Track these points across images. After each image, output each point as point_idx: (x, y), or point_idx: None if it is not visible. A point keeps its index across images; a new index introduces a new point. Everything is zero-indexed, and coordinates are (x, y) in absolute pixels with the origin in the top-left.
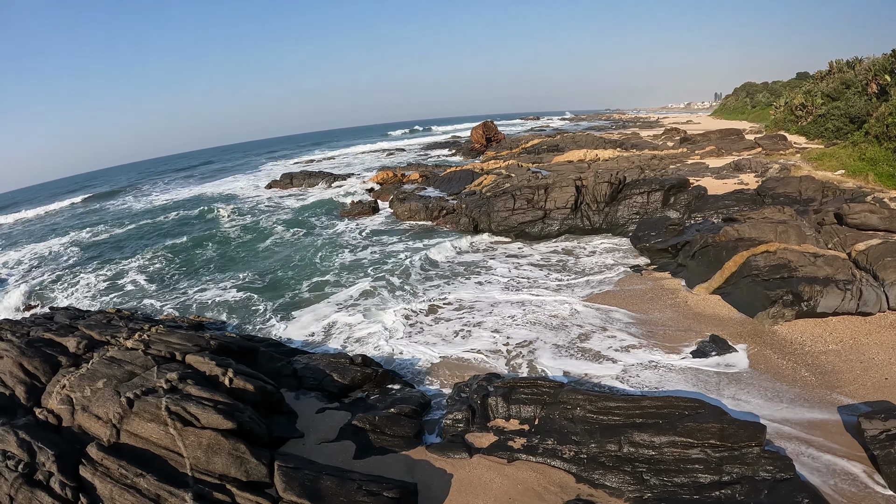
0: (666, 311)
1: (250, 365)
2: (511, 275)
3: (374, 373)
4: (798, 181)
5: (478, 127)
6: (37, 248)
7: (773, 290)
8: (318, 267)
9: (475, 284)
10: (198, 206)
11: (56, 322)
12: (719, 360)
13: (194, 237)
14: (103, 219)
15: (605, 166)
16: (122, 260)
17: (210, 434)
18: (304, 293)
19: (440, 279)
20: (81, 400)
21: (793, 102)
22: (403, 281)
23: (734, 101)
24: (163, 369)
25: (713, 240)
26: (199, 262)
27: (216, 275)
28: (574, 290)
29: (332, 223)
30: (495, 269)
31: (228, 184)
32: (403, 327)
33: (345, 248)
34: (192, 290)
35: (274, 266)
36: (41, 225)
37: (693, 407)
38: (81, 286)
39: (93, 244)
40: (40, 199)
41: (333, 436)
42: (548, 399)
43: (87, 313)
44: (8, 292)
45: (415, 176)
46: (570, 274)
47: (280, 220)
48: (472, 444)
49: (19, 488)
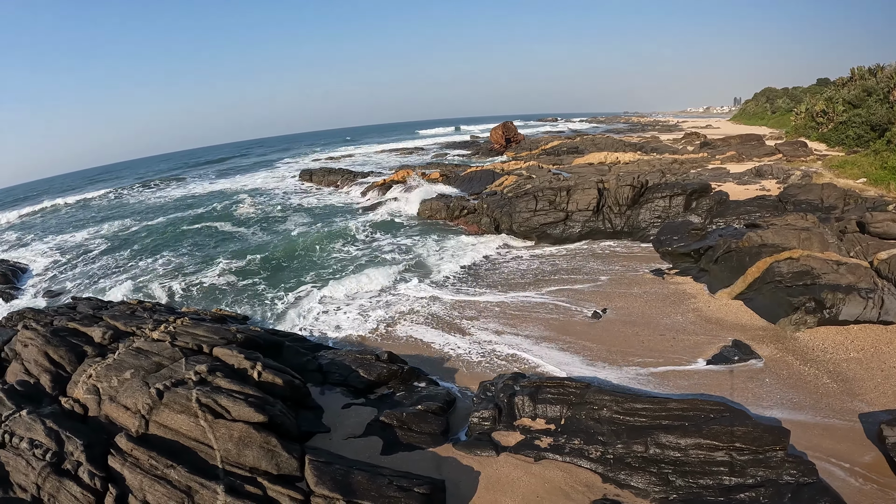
0: (688, 315)
1: (276, 359)
2: (537, 274)
3: (400, 369)
4: (820, 188)
5: (497, 127)
6: (66, 238)
7: (795, 297)
8: (335, 263)
9: (495, 282)
10: (218, 201)
11: (79, 312)
12: (742, 365)
13: (212, 231)
14: (120, 212)
15: (626, 169)
16: (145, 253)
17: (241, 427)
18: (321, 288)
19: (460, 279)
20: (108, 390)
21: (814, 109)
22: (423, 274)
23: (754, 106)
24: (191, 361)
25: (736, 245)
26: (218, 254)
27: (233, 267)
28: (597, 293)
29: (349, 220)
30: (519, 266)
31: (250, 179)
32: (427, 322)
33: (364, 245)
34: (212, 279)
35: (290, 260)
36: (80, 214)
37: (718, 410)
38: (102, 276)
39: (112, 235)
40: (83, 186)
41: (360, 431)
42: (574, 399)
43: (109, 304)
44: (34, 282)
45: (435, 175)
46: (593, 275)
47: (297, 215)
48: (498, 442)
49: (47, 477)
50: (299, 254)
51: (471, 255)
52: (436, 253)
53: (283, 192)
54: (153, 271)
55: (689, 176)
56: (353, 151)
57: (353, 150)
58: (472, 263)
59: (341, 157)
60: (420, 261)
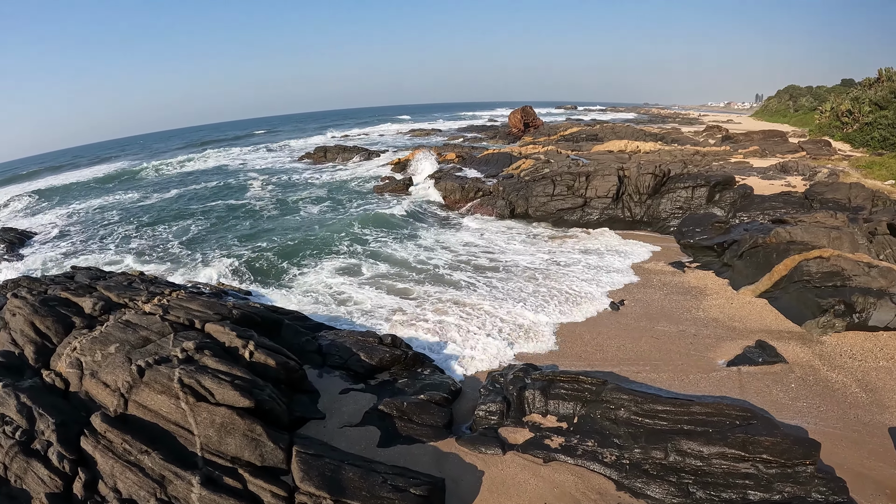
0: (710, 312)
1: (273, 338)
2: (547, 262)
3: (404, 355)
4: (848, 188)
5: (516, 111)
6: (76, 208)
7: (824, 299)
8: (344, 241)
9: (512, 267)
10: (230, 176)
11: (76, 281)
12: (766, 367)
13: (227, 204)
14: (134, 185)
15: (647, 158)
16: (156, 224)
17: (224, 411)
18: (328, 266)
19: (470, 262)
20: (91, 364)
21: (839, 108)
22: (434, 256)
23: (776, 103)
24: (179, 337)
25: (763, 241)
26: (227, 229)
27: (243, 240)
28: (615, 283)
29: (363, 199)
30: (524, 252)
31: (264, 155)
32: (434, 307)
33: (375, 225)
34: (217, 253)
35: (300, 236)
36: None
37: (744, 417)
38: (108, 247)
39: (124, 207)
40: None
41: (357, 420)
42: (589, 396)
43: (109, 274)
44: (39, 251)
45: (451, 156)
46: (611, 266)
47: (310, 192)
48: (505, 439)
49: (14, 457)
50: (305, 231)
51: (481, 238)
52: (448, 235)
53: (296, 168)
54: (160, 243)
55: (712, 168)
56: (369, 131)
57: (370, 129)
58: (483, 244)
59: (358, 135)
60: (428, 241)
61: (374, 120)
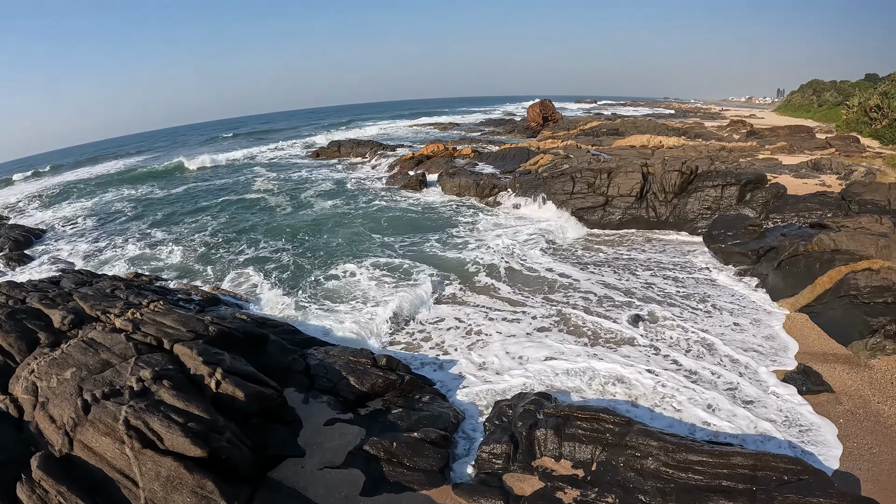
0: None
1: (257, 356)
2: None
3: (400, 380)
4: (887, 188)
5: (534, 105)
6: (85, 205)
7: (874, 317)
8: (355, 241)
9: (532, 269)
10: (241, 171)
11: (60, 287)
12: (811, 398)
13: (236, 202)
14: (145, 181)
15: (671, 154)
16: (164, 223)
17: (171, 463)
18: (334, 268)
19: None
20: (46, 391)
21: (867, 104)
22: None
23: (800, 98)
24: (141, 362)
25: (805, 248)
26: (238, 228)
27: (250, 240)
28: (640, 291)
29: (374, 195)
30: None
31: (278, 149)
32: (441, 313)
33: (388, 223)
34: (223, 253)
35: (310, 235)
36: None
37: (794, 471)
38: (113, 245)
39: (133, 204)
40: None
41: (340, 460)
42: (611, 439)
43: (97, 278)
44: (44, 250)
45: (467, 151)
46: (635, 272)
47: (321, 188)
48: (511, 489)
49: None
50: (310, 229)
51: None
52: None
53: (308, 163)
54: (167, 241)
55: (740, 165)
56: (386, 126)
57: (386, 124)
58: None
59: (375, 129)
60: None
61: (388, 115)
